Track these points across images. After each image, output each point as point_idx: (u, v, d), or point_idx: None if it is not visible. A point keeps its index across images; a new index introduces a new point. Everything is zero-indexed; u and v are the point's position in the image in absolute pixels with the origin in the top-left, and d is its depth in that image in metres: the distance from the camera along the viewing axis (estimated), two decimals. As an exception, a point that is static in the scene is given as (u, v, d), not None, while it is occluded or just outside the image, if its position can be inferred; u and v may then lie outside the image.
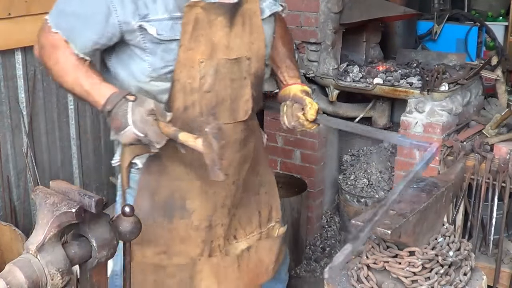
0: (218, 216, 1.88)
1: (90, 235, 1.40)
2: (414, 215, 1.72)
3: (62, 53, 1.70)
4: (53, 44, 1.71)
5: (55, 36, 1.70)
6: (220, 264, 1.91)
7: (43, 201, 1.36)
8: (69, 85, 1.71)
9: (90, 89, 1.67)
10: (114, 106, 1.61)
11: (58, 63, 1.71)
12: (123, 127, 1.61)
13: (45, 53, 1.74)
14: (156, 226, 1.82)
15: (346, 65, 3.63)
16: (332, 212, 3.95)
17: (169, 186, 1.80)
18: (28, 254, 1.31)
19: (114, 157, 1.92)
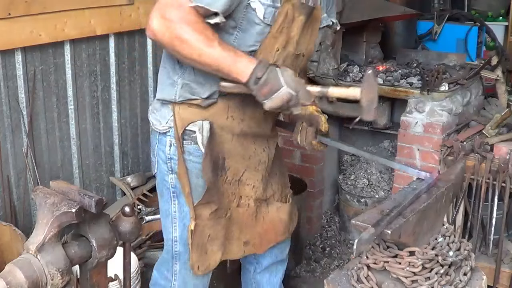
0: (250, 177, 2.11)
1: (90, 235, 1.40)
2: (414, 215, 1.72)
3: (198, 27, 1.70)
4: (187, 18, 1.69)
5: (189, 9, 1.70)
6: (244, 214, 2.14)
7: (43, 201, 1.36)
8: (207, 59, 1.72)
9: (233, 61, 1.73)
10: (264, 72, 1.73)
11: (193, 37, 1.70)
12: (276, 89, 1.74)
13: (175, 28, 1.69)
14: (213, 185, 2.02)
15: (346, 65, 3.63)
16: (332, 212, 3.95)
17: (217, 149, 2.01)
18: (28, 254, 1.31)
19: (157, 122, 2.03)
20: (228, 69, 1.74)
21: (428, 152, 3.12)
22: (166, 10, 1.69)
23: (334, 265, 3.57)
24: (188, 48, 1.71)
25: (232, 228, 2.13)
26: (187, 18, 1.69)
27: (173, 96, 1.97)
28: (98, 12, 3.02)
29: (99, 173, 3.29)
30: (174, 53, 1.78)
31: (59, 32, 2.87)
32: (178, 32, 1.69)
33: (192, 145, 1.99)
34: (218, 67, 1.74)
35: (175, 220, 2.09)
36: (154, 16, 1.70)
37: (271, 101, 1.76)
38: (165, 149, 2.03)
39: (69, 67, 2.99)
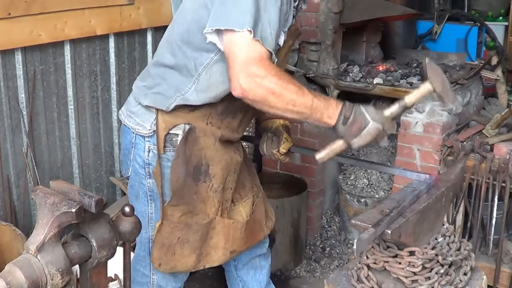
0: (229, 181, 2.11)
1: (90, 235, 1.40)
2: (414, 215, 1.72)
3: (284, 77, 1.72)
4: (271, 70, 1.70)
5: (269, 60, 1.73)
6: (230, 226, 2.13)
7: (43, 201, 1.36)
8: (301, 108, 1.74)
9: (325, 106, 1.76)
10: (351, 111, 1.77)
11: (286, 89, 1.71)
12: (364, 126, 1.78)
13: (266, 83, 1.69)
14: (186, 189, 2.01)
15: (346, 65, 3.63)
16: (332, 212, 3.95)
17: (198, 155, 2.00)
18: (28, 254, 1.31)
19: (140, 126, 2.02)
20: (320, 115, 1.76)
21: (428, 152, 3.12)
22: (250, 67, 1.68)
23: (334, 265, 3.57)
24: (282, 101, 1.71)
25: (217, 237, 2.12)
26: (271, 70, 1.70)
27: (165, 108, 1.95)
28: (98, 12, 3.02)
29: (99, 173, 3.29)
30: (265, 107, 1.75)
31: (59, 32, 2.87)
32: (270, 86, 1.69)
33: (171, 152, 1.99)
34: (311, 114, 1.76)
35: (151, 221, 2.10)
36: (240, 76, 1.68)
37: (360, 138, 1.78)
38: (143, 155, 2.02)
39: (69, 67, 2.99)
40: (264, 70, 1.68)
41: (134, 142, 2.04)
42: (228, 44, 1.71)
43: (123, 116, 2.11)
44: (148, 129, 2.00)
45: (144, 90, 2.01)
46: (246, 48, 1.69)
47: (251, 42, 1.68)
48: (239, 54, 1.69)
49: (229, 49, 1.71)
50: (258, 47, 1.69)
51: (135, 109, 2.04)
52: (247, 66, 1.68)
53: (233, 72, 1.70)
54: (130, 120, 2.05)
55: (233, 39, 1.70)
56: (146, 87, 2.01)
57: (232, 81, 1.71)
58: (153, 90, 1.98)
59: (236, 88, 1.70)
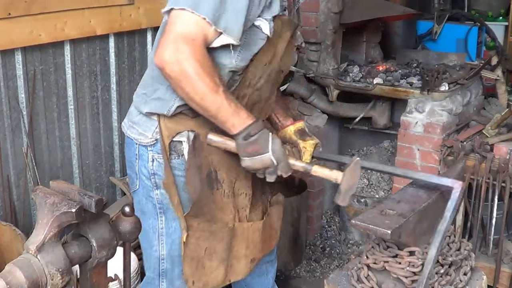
0: (241, 185, 2.04)
1: (90, 235, 1.40)
2: (414, 215, 1.72)
3: (208, 68, 1.68)
4: (198, 55, 1.67)
5: (200, 44, 1.68)
6: (249, 229, 2.07)
7: (43, 201, 1.36)
8: (208, 104, 1.71)
9: (233, 113, 1.73)
10: (257, 132, 1.74)
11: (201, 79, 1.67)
12: (261, 152, 1.75)
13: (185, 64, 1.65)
14: (204, 198, 1.95)
15: (346, 65, 3.63)
16: (332, 212, 3.95)
17: (206, 162, 1.95)
18: (28, 254, 1.31)
19: (142, 136, 1.96)
20: (225, 119, 1.73)
21: (428, 152, 3.12)
22: (179, 43, 1.65)
23: (334, 265, 3.57)
24: (192, 88, 1.68)
25: (238, 245, 2.06)
26: (198, 55, 1.66)
27: (166, 111, 1.89)
28: (98, 12, 3.02)
29: (99, 173, 3.29)
30: (176, 88, 1.73)
31: (59, 32, 2.87)
32: (188, 69, 1.65)
33: (176, 160, 1.93)
34: (216, 114, 1.73)
35: (162, 237, 2.01)
36: (167, 46, 1.66)
37: (251, 161, 1.77)
38: (147, 165, 1.96)
39: (69, 67, 2.99)
40: (191, 51, 1.64)
41: (138, 153, 1.98)
42: (174, 16, 1.67)
43: (125, 128, 2.05)
44: (150, 137, 1.94)
45: (144, 98, 1.96)
46: (186, 25, 1.66)
47: (194, 21, 1.65)
48: (178, 27, 1.66)
49: (171, 21, 1.68)
50: (198, 29, 1.66)
51: (136, 119, 1.98)
52: (178, 40, 1.65)
53: (163, 40, 1.66)
54: (133, 130, 1.99)
55: (178, 14, 1.67)
56: (145, 95, 1.96)
57: (159, 48, 1.68)
58: (153, 96, 1.92)
59: (158, 56, 1.67)
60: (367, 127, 3.74)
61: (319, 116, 3.68)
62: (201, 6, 1.65)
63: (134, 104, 2.03)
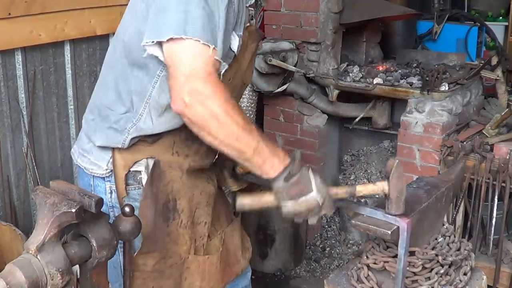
0: (202, 214, 1.88)
1: (90, 235, 1.40)
2: (414, 215, 1.72)
3: (233, 104, 1.47)
4: (219, 90, 1.45)
5: (216, 77, 1.49)
6: (205, 262, 1.91)
7: (43, 201, 1.36)
8: (243, 146, 1.50)
9: (271, 153, 1.53)
10: (298, 170, 1.55)
11: (232, 118, 1.46)
12: (306, 192, 1.55)
13: (210, 105, 1.44)
14: (158, 232, 1.79)
15: (346, 65, 3.63)
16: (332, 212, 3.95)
17: (165, 191, 1.78)
18: (28, 254, 1.31)
19: (94, 166, 1.77)
20: (262, 160, 1.52)
21: (428, 152, 3.12)
22: (195, 81, 1.44)
23: (334, 265, 3.57)
24: (224, 130, 1.47)
25: (192, 279, 1.89)
26: (219, 90, 1.45)
27: (120, 145, 1.69)
28: (98, 12, 3.02)
29: (99, 173, 3.29)
30: (203, 132, 1.49)
31: (59, 32, 2.87)
32: (214, 109, 1.44)
33: (136, 190, 1.74)
34: (252, 157, 1.51)
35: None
36: (185, 89, 1.44)
37: (296, 203, 1.55)
38: (105, 198, 1.75)
39: (69, 67, 2.99)
40: (211, 88, 1.44)
41: (92, 184, 1.77)
42: (171, 52, 1.47)
43: (75, 156, 1.84)
44: (104, 168, 1.74)
45: (93, 126, 1.77)
46: (193, 58, 1.46)
47: (199, 51, 1.46)
48: (185, 63, 1.45)
49: (172, 57, 1.47)
50: (208, 60, 1.46)
51: (87, 147, 1.78)
52: (192, 79, 1.44)
53: (176, 83, 1.46)
54: (84, 159, 1.79)
55: (178, 47, 1.46)
56: (94, 121, 1.77)
57: (174, 93, 1.46)
58: (104, 124, 1.72)
59: (176, 102, 1.46)
60: (367, 127, 3.73)
61: (319, 116, 3.68)
62: (205, 31, 1.47)
63: (83, 130, 1.83)
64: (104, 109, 1.74)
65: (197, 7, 1.47)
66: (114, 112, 1.71)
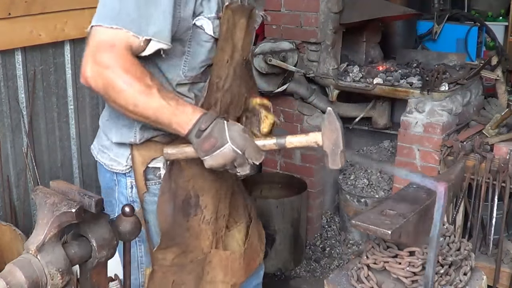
0: (221, 208, 1.91)
1: (90, 235, 1.40)
2: (414, 215, 1.72)
3: (135, 71, 1.52)
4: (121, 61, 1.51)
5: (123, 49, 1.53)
6: (228, 258, 1.95)
7: (43, 201, 1.36)
8: (143, 110, 1.54)
9: (174, 111, 1.55)
10: (209, 124, 1.55)
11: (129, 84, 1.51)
12: (220, 145, 1.56)
13: (108, 74, 1.51)
14: (177, 227, 1.82)
15: (346, 65, 3.63)
16: (332, 212, 3.95)
17: (185, 187, 1.80)
18: (28, 254, 1.31)
19: (114, 162, 1.82)
20: (168, 120, 1.55)
21: (428, 152, 3.12)
22: (97, 53, 1.51)
23: (334, 265, 3.57)
24: (123, 97, 1.52)
25: (214, 273, 1.92)
26: (121, 61, 1.50)
27: (132, 139, 1.74)
28: (98, 12, 3.02)
29: (99, 173, 3.29)
30: (109, 102, 1.58)
31: (59, 32, 2.87)
32: (112, 78, 1.50)
33: (157, 185, 1.79)
34: (156, 118, 1.55)
35: (142, 265, 1.89)
36: (87, 61, 1.52)
37: (212, 158, 1.57)
38: (126, 192, 1.81)
39: (69, 67, 2.99)
40: (112, 59, 1.50)
41: (115, 179, 1.83)
42: (90, 34, 1.56)
43: (95, 152, 1.90)
44: (124, 164, 1.79)
45: (108, 125, 1.82)
46: (101, 34, 1.53)
47: (114, 33, 1.52)
48: (94, 39, 1.54)
49: (89, 37, 1.56)
50: (118, 37, 1.51)
51: (107, 143, 1.83)
52: (96, 52, 1.51)
53: (84, 58, 1.53)
54: (103, 155, 1.85)
55: (96, 29, 1.55)
56: (109, 122, 1.81)
57: (81, 66, 1.54)
58: (117, 122, 1.77)
59: (81, 76, 1.54)
60: (367, 127, 3.74)
61: (319, 116, 3.68)
62: (121, 18, 1.53)
63: (101, 128, 1.88)
64: (114, 110, 1.76)
65: None
66: None
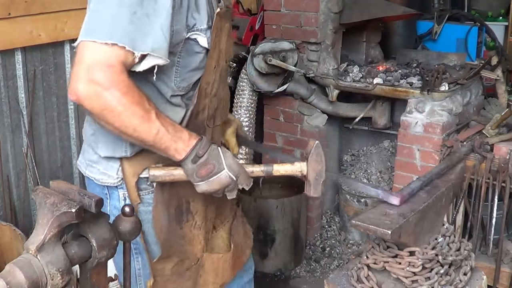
0: (209, 211, 1.92)
1: (90, 235, 1.40)
2: (414, 215, 1.72)
3: (133, 94, 1.47)
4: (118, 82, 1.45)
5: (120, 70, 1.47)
6: (219, 260, 1.95)
7: (43, 201, 1.36)
8: (142, 134, 1.51)
9: (173, 137, 1.55)
10: (206, 150, 1.57)
11: (128, 109, 1.46)
12: (217, 171, 1.59)
13: (106, 96, 1.44)
14: (173, 235, 1.82)
15: (346, 65, 3.63)
16: (332, 212, 3.95)
17: (177, 194, 1.80)
18: (28, 254, 1.31)
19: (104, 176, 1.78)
20: (165, 146, 1.54)
21: (428, 152, 3.12)
22: (93, 72, 1.43)
23: (334, 265, 3.57)
24: (121, 121, 1.48)
25: (206, 276, 1.93)
26: (119, 83, 1.45)
27: (123, 153, 1.70)
28: (98, 12, 3.02)
29: (99, 173, 3.29)
30: (102, 122, 1.51)
31: (59, 32, 2.87)
32: (110, 101, 1.44)
33: (150, 194, 1.77)
34: (154, 144, 1.54)
35: (139, 278, 1.87)
36: (79, 79, 1.43)
37: (208, 184, 1.59)
38: (119, 204, 1.77)
39: (69, 67, 2.99)
40: (109, 80, 1.43)
41: (107, 192, 1.79)
42: (81, 48, 1.47)
43: (83, 168, 1.84)
44: (115, 177, 1.75)
45: (94, 140, 1.76)
46: (96, 51, 1.44)
47: (109, 49, 1.44)
48: (87, 56, 1.44)
49: (79, 51, 1.46)
50: (113, 55, 1.44)
51: (94, 158, 1.78)
52: (91, 70, 1.43)
53: (74, 73, 1.45)
54: (92, 170, 1.79)
55: (88, 44, 1.46)
56: (95, 135, 1.76)
57: (71, 82, 1.45)
58: (104, 136, 1.72)
59: (71, 92, 1.45)
60: (367, 127, 3.73)
61: (319, 116, 3.68)
62: (115, 32, 1.46)
63: (86, 142, 1.83)
64: None
65: (110, 7, 1.50)
66: None
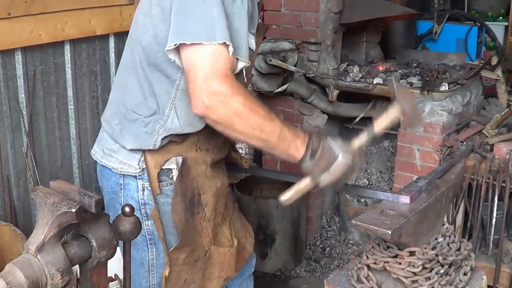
0: (219, 206, 1.93)
1: (90, 235, 1.40)
2: (414, 215, 1.72)
3: (251, 97, 1.52)
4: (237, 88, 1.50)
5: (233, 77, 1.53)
6: (225, 254, 1.97)
7: (43, 201, 1.36)
8: (268, 135, 1.55)
9: (293, 135, 1.59)
10: (319, 142, 1.60)
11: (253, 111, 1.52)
12: (333, 160, 1.61)
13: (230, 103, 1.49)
14: (188, 227, 1.84)
15: (346, 65, 3.63)
16: (332, 212, 3.95)
17: (191, 186, 1.82)
18: (28, 254, 1.31)
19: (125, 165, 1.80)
20: (287, 146, 1.58)
21: (428, 152, 3.12)
22: (213, 84, 1.48)
23: (334, 265, 3.57)
24: (249, 124, 1.52)
25: (212, 269, 1.95)
26: (237, 87, 1.50)
27: (151, 146, 1.73)
28: (98, 12, 3.02)
29: (99, 173, 3.29)
30: (228, 130, 1.55)
31: (59, 32, 2.87)
32: (236, 107, 1.49)
33: (169, 186, 1.79)
34: (277, 144, 1.57)
35: (152, 268, 1.90)
36: (204, 92, 1.48)
37: (329, 174, 1.62)
38: (136, 195, 1.80)
39: (69, 67, 2.99)
40: (229, 88, 1.48)
41: (122, 183, 1.80)
42: (190, 57, 1.51)
43: (98, 156, 1.87)
44: (136, 167, 1.77)
45: (118, 129, 1.79)
46: (211, 62, 1.49)
47: (216, 55, 1.49)
48: (203, 67, 1.49)
49: (190, 62, 1.51)
50: (225, 61, 1.50)
51: (115, 147, 1.80)
52: (210, 81, 1.48)
53: (194, 87, 1.50)
54: (111, 159, 1.81)
55: (195, 52, 1.50)
56: (120, 125, 1.78)
57: (193, 97, 1.51)
58: (132, 128, 1.75)
59: (197, 106, 1.50)
60: (367, 127, 3.73)
61: (319, 116, 3.68)
62: (217, 33, 1.49)
63: (106, 131, 1.85)
64: (130, 113, 1.76)
65: (216, 11, 1.51)
66: (141, 115, 1.74)
